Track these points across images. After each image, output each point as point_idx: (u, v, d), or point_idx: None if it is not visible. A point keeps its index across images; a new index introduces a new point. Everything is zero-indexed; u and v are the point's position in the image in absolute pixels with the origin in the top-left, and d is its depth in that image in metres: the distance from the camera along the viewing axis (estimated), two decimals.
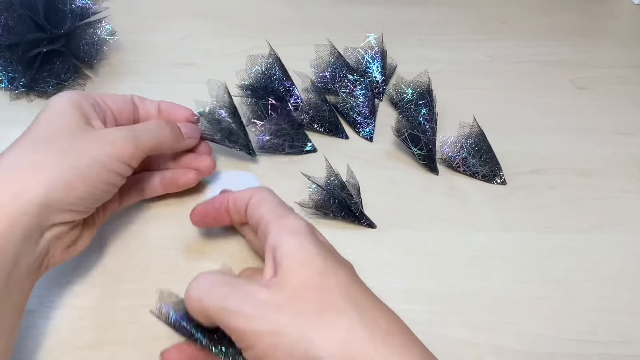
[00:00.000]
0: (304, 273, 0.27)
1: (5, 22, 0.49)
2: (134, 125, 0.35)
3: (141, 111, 0.39)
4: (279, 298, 0.26)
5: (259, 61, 0.50)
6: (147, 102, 0.40)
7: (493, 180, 0.44)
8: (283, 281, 0.27)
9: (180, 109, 0.40)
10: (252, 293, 0.26)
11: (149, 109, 0.39)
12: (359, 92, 0.47)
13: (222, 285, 0.27)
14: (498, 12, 0.65)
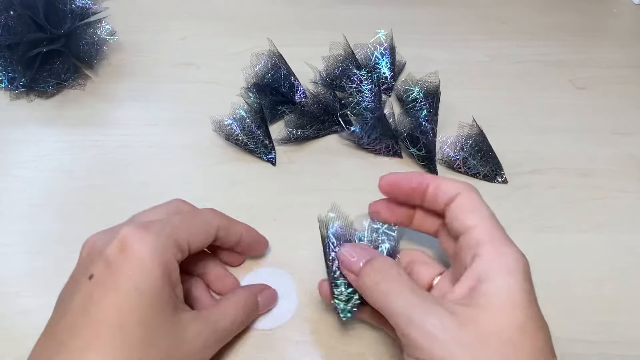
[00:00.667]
0: (502, 320, 0.24)
1: (5, 22, 0.49)
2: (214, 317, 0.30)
3: (219, 242, 0.33)
4: (465, 336, 0.24)
5: (263, 59, 0.50)
6: (234, 225, 0.34)
7: (494, 179, 0.44)
8: (476, 317, 0.25)
9: (264, 243, 0.37)
10: (440, 315, 0.25)
11: (230, 239, 0.34)
12: (366, 86, 0.47)
13: (408, 291, 0.26)
14: (498, 12, 0.65)
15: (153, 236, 0.27)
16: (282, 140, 0.46)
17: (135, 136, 0.47)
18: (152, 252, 0.27)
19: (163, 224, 0.29)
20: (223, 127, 0.45)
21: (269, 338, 0.34)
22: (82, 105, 0.50)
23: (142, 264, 0.26)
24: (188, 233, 0.29)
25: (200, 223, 0.31)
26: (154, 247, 0.27)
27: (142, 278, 0.26)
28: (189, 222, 0.30)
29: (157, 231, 0.28)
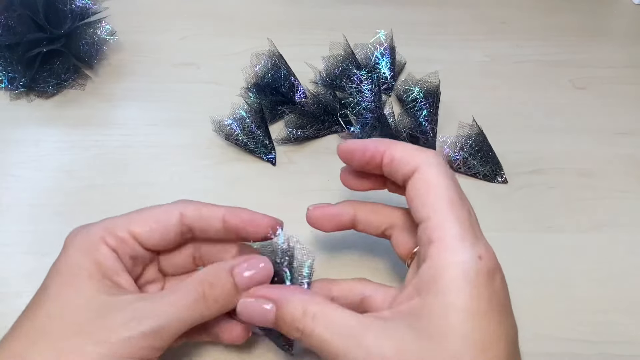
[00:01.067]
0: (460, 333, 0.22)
1: (5, 22, 0.49)
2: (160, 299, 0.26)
3: (197, 232, 0.30)
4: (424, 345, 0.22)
5: (263, 59, 0.50)
6: (206, 209, 0.30)
7: (494, 179, 0.44)
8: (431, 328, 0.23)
9: (260, 221, 0.30)
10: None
11: (209, 224, 0.30)
12: (366, 86, 0.47)
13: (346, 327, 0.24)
14: (498, 12, 0.65)
15: (84, 227, 0.28)
16: (282, 140, 0.46)
17: (135, 136, 0.47)
18: (76, 240, 0.27)
19: (106, 218, 0.29)
20: (223, 127, 0.45)
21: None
22: (82, 105, 0.50)
23: (65, 251, 0.27)
24: (131, 223, 0.28)
25: (155, 212, 0.29)
26: (80, 235, 0.28)
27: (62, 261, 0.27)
28: (140, 213, 0.29)
29: (93, 224, 0.28)
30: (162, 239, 0.29)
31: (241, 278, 0.27)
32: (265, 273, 0.28)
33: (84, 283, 0.26)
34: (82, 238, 0.28)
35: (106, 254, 0.27)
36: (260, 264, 0.28)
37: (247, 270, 0.28)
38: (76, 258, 0.27)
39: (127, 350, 0.24)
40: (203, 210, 0.30)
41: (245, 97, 0.49)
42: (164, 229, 0.29)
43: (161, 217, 0.29)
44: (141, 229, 0.28)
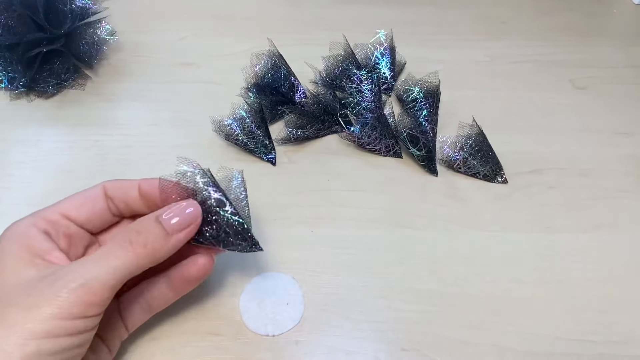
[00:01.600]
0: None
1: (5, 22, 0.49)
2: (88, 258, 0.27)
3: (118, 202, 0.31)
4: None
5: (263, 59, 0.50)
6: (124, 184, 0.32)
7: (494, 179, 0.44)
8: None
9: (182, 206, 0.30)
10: None
11: (127, 193, 0.31)
12: (366, 86, 0.47)
13: None
14: (498, 12, 0.65)
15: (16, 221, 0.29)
16: (282, 140, 0.46)
17: (135, 136, 0.47)
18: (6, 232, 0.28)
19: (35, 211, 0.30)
20: (223, 127, 0.45)
21: (268, 338, 0.34)
22: (82, 105, 0.50)
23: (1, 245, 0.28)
24: (59, 205, 0.30)
25: (81, 192, 0.31)
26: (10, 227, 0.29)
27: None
28: (68, 197, 0.31)
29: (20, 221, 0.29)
30: (91, 213, 0.30)
31: (169, 224, 0.28)
32: (194, 214, 0.29)
33: (14, 266, 0.26)
34: (11, 229, 0.28)
35: (36, 236, 0.28)
36: (187, 209, 0.29)
37: (174, 217, 0.29)
38: (6, 248, 0.27)
39: (57, 310, 0.25)
40: (123, 182, 0.32)
41: (245, 97, 0.49)
42: (90, 203, 0.30)
43: (86, 193, 0.31)
44: (69, 206, 0.30)
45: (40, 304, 0.25)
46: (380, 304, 0.36)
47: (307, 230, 0.40)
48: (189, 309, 0.35)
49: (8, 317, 0.25)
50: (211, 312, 0.35)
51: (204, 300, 0.36)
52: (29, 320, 0.24)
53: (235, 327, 0.34)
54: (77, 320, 0.25)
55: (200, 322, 0.34)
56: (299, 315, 0.35)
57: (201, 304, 0.35)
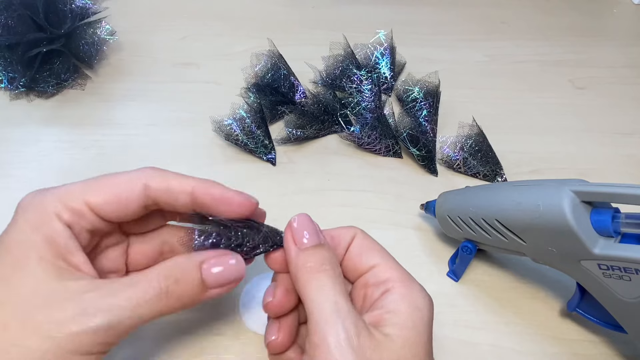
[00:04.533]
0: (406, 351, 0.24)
1: (5, 22, 0.49)
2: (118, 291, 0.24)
3: (162, 204, 0.27)
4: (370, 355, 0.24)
5: (263, 59, 0.50)
6: (175, 182, 0.27)
7: (494, 179, 0.44)
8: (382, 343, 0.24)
9: (235, 198, 0.27)
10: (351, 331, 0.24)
11: (175, 196, 0.27)
12: (366, 86, 0.47)
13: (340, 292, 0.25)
14: (498, 12, 0.65)
15: (37, 194, 0.26)
16: (282, 140, 0.46)
17: (135, 136, 0.47)
18: (28, 209, 0.25)
19: (61, 186, 0.26)
20: (223, 127, 0.45)
21: None
22: (82, 105, 0.50)
23: (15, 221, 0.25)
24: (87, 191, 0.26)
25: (116, 180, 0.26)
26: (31, 203, 0.26)
27: (11, 233, 0.25)
28: (99, 179, 0.26)
29: (46, 190, 0.26)
30: (122, 212, 0.26)
31: (209, 274, 0.25)
32: (235, 271, 0.26)
33: (34, 266, 0.24)
34: (34, 210, 0.25)
35: (60, 231, 0.25)
36: (230, 260, 0.26)
37: (215, 266, 0.26)
38: (27, 234, 0.24)
39: (74, 345, 0.23)
40: (171, 183, 0.27)
41: (245, 97, 0.49)
42: (125, 201, 0.26)
43: (122, 187, 0.26)
44: (99, 199, 0.26)
45: (58, 334, 0.23)
46: None
47: None
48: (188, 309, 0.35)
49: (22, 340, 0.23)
50: (211, 312, 0.35)
51: None
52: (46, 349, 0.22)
53: (235, 327, 0.34)
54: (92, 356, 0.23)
55: (200, 322, 0.34)
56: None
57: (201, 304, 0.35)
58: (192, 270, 0.25)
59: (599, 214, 0.29)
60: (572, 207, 0.28)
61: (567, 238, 0.29)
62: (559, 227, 0.29)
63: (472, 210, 0.34)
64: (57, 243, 0.25)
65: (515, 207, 0.31)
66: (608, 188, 0.27)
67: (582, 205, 0.29)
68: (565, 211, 0.28)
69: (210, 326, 0.34)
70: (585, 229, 0.28)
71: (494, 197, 0.33)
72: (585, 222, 0.29)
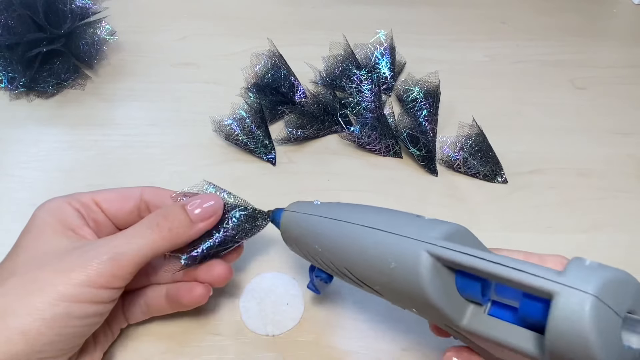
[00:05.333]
0: None
1: (5, 22, 0.49)
2: (118, 235, 0.29)
3: (152, 207, 0.32)
4: None
5: (263, 59, 0.50)
6: (162, 192, 0.33)
7: (494, 179, 0.44)
8: None
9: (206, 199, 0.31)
10: None
11: (162, 199, 0.32)
12: (366, 86, 0.47)
13: None
14: (498, 12, 0.65)
15: (50, 200, 0.31)
16: (282, 140, 0.46)
17: (135, 136, 0.47)
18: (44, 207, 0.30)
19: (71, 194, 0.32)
20: (223, 127, 0.45)
21: (268, 338, 0.34)
22: (82, 105, 0.50)
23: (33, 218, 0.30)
24: (95, 194, 0.32)
25: (119, 189, 0.33)
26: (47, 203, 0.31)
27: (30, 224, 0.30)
28: (104, 189, 0.33)
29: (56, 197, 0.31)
30: (120, 209, 0.32)
31: (193, 213, 0.30)
32: (215, 207, 0.31)
33: (49, 235, 0.29)
34: (48, 204, 0.31)
35: (70, 213, 0.30)
36: (210, 201, 0.31)
37: (198, 207, 0.31)
38: (42, 219, 0.30)
39: (86, 277, 0.27)
40: (159, 189, 0.33)
41: (245, 97, 0.49)
42: (123, 201, 0.32)
43: (122, 190, 0.33)
44: (102, 197, 0.32)
45: (71, 270, 0.27)
46: (380, 304, 0.36)
47: None
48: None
49: (40, 277, 0.26)
50: (211, 312, 0.35)
51: None
52: (60, 283, 0.26)
53: (235, 327, 0.34)
54: (102, 289, 0.27)
55: (200, 322, 0.34)
56: (299, 315, 0.35)
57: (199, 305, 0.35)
58: (177, 209, 0.30)
59: (466, 279, 0.24)
60: (431, 274, 0.23)
61: (428, 307, 0.24)
62: (416, 295, 0.24)
63: (318, 249, 0.28)
64: (67, 221, 0.30)
65: (364, 260, 0.26)
66: (471, 259, 0.22)
67: (444, 269, 0.24)
68: (421, 279, 0.23)
69: (210, 326, 0.34)
70: (450, 297, 0.23)
71: (342, 239, 0.27)
72: (449, 288, 0.24)
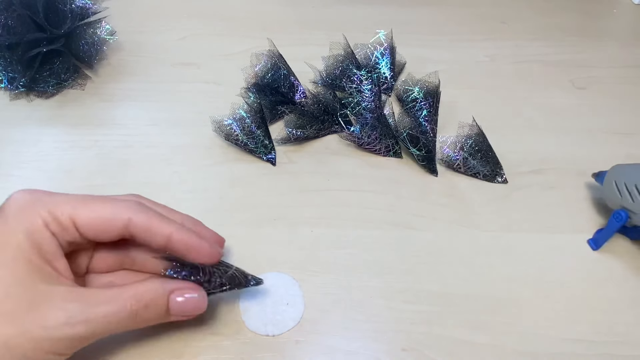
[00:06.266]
0: None
1: (5, 22, 0.49)
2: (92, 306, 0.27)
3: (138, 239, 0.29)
4: None
5: (263, 59, 0.50)
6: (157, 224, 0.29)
7: (494, 179, 0.44)
8: None
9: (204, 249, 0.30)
10: None
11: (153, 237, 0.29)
12: (366, 87, 0.47)
13: None
14: (498, 12, 0.65)
15: (29, 198, 0.28)
16: (282, 140, 0.46)
17: (135, 136, 0.47)
18: (18, 212, 0.27)
19: (56, 194, 0.28)
20: (223, 127, 0.45)
21: (268, 338, 0.34)
22: (82, 105, 0.50)
23: (5, 221, 0.27)
24: (75, 209, 0.28)
25: (103, 208, 0.28)
26: (22, 207, 0.27)
27: (2, 235, 0.27)
28: (88, 201, 0.28)
29: (38, 196, 0.28)
30: (100, 235, 0.29)
31: (175, 304, 0.29)
32: (198, 304, 0.30)
33: (22, 267, 0.26)
34: (26, 215, 0.27)
35: (47, 239, 0.27)
36: (194, 294, 0.30)
37: (181, 297, 0.29)
38: (17, 237, 0.27)
39: (52, 348, 0.26)
40: (153, 224, 0.29)
41: (245, 97, 0.49)
42: (106, 228, 0.29)
43: (107, 215, 0.28)
44: (84, 220, 0.28)
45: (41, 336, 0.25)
46: (380, 304, 0.36)
47: (307, 230, 0.40)
48: None
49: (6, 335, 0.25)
50: (211, 312, 0.35)
51: None
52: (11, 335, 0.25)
53: (235, 327, 0.34)
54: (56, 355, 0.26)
55: (200, 322, 0.34)
56: (299, 315, 0.35)
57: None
58: (160, 299, 0.29)
59: None
60: None
61: None
62: None
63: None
64: (44, 250, 0.27)
65: None
66: None
67: None
68: None
69: (209, 326, 0.34)
70: None
71: None
72: None
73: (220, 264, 0.31)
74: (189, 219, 0.33)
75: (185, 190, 0.42)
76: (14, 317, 0.25)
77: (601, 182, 0.40)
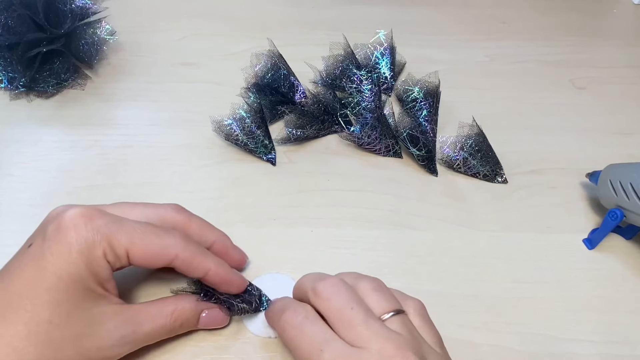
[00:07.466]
0: None
1: (5, 22, 0.49)
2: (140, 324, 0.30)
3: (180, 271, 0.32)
4: None
5: (263, 59, 0.50)
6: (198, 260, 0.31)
7: (494, 179, 0.44)
8: None
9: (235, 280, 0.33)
10: None
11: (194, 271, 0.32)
12: (366, 87, 0.47)
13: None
14: (498, 12, 0.65)
15: (90, 228, 0.28)
16: (282, 140, 0.46)
17: (135, 136, 0.47)
18: (80, 243, 0.28)
19: (113, 221, 0.29)
20: (223, 127, 0.45)
21: (268, 338, 0.34)
22: (82, 105, 0.50)
23: (68, 250, 0.27)
24: (131, 243, 0.29)
25: (155, 244, 0.30)
26: (84, 238, 0.28)
27: (63, 263, 0.27)
28: (144, 235, 0.30)
29: (98, 226, 0.28)
30: (146, 265, 0.31)
31: (203, 319, 0.33)
32: (221, 322, 0.34)
33: (81, 293, 0.28)
34: (87, 247, 0.28)
35: (104, 268, 0.29)
36: (220, 315, 0.34)
37: (210, 317, 0.33)
38: (78, 266, 0.28)
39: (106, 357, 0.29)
40: (195, 260, 0.31)
41: (245, 97, 0.49)
42: (155, 261, 0.31)
43: (157, 250, 0.30)
44: (137, 254, 0.30)
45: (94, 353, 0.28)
46: None
47: (307, 230, 0.40)
48: None
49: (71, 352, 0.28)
50: None
51: None
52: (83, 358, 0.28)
53: (235, 327, 0.34)
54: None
55: None
56: None
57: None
58: (194, 318, 0.33)
59: None
60: None
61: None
62: None
63: (635, 176, 0.36)
64: (100, 276, 0.29)
65: None
66: None
67: None
68: None
69: None
70: None
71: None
72: None
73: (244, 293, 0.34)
74: (222, 237, 0.35)
75: (185, 190, 0.42)
76: (75, 340, 0.28)
77: (595, 182, 0.40)
